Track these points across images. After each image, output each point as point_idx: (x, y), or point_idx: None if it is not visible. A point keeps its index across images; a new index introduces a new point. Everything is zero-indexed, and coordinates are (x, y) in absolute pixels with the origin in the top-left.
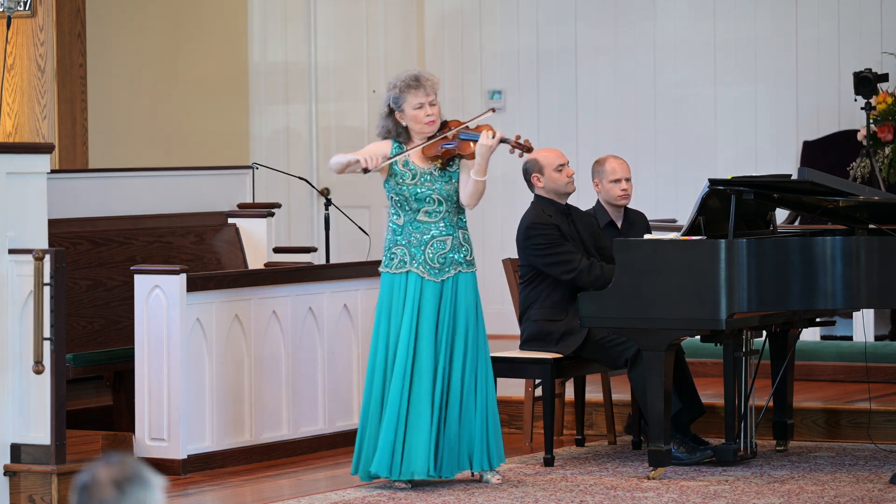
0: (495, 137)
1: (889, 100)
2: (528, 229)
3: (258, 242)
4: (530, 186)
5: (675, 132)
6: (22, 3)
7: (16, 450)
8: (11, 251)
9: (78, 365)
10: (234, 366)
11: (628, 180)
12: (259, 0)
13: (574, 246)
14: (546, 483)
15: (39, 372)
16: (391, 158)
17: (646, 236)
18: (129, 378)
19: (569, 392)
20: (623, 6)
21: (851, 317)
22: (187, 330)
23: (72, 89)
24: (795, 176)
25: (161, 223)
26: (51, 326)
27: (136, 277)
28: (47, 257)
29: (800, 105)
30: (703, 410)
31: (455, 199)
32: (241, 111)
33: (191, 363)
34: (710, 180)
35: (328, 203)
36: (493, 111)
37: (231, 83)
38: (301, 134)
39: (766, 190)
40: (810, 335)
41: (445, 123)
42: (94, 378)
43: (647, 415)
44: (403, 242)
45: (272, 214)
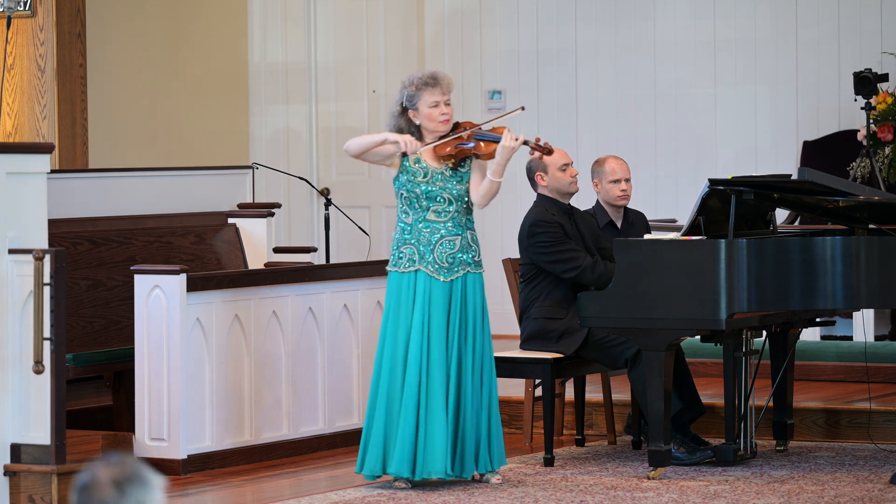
0: (518, 140)
1: (889, 100)
2: (532, 227)
3: (258, 242)
4: (533, 185)
5: (675, 132)
6: (22, 3)
7: (16, 450)
8: (11, 251)
9: (78, 365)
10: (234, 366)
11: (628, 181)
12: (259, 0)
13: (577, 245)
14: (546, 483)
15: (39, 372)
16: (428, 145)
17: (646, 236)
18: (129, 378)
19: (569, 392)
20: (623, 6)
21: (851, 317)
22: (187, 330)
23: (72, 89)
24: (795, 176)
25: (161, 223)
26: (51, 326)
27: (136, 277)
28: (47, 257)
29: (800, 105)
30: (703, 410)
31: (465, 200)
32: (241, 111)
33: (191, 363)
34: (710, 180)
35: (328, 203)
36: (523, 109)
37: (231, 83)
38: (301, 134)
39: (766, 190)
40: (810, 335)
41: (457, 124)
42: (94, 378)
43: (647, 415)
44: (412, 241)
45: (272, 214)
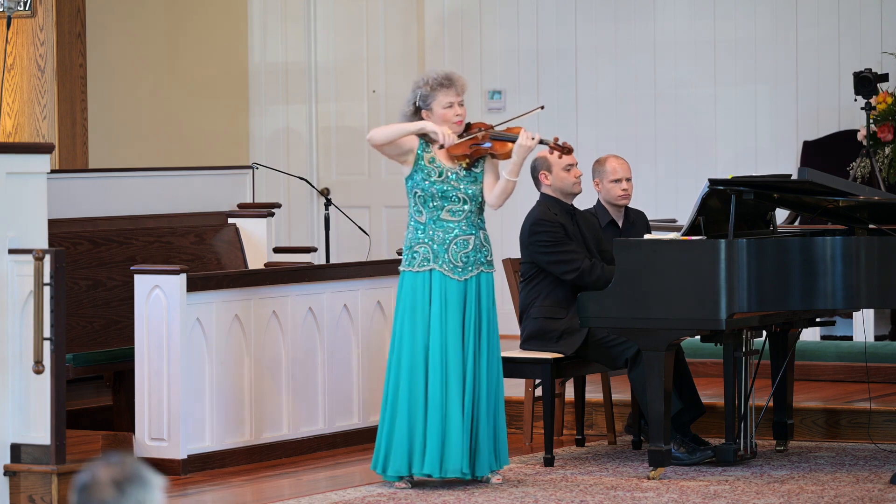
0: (535, 139)
1: (889, 100)
2: (534, 226)
3: (258, 242)
4: (537, 184)
5: (675, 132)
6: (22, 3)
7: (16, 450)
8: (11, 251)
9: (78, 365)
10: (234, 366)
11: (629, 180)
12: (259, 0)
13: (577, 246)
14: (546, 483)
15: (39, 372)
16: (465, 139)
17: (646, 236)
18: (129, 378)
19: (569, 392)
20: (623, 6)
21: (851, 317)
22: (187, 330)
23: (72, 89)
24: (795, 176)
25: (161, 223)
26: (51, 326)
27: (136, 277)
28: (47, 257)
29: (800, 105)
30: (703, 410)
31: (479, 200)
32: (241, 111)
33: (191, 363)
34: (710, 180)
35: (328, 203)
36: (542, 108)
37: (231, 83)
38: (301, 134)
39: (766, 190)
40: (810, 335)
41: (469, 125)
42: (94, 378)
43: (647, 415)
44: (426, 241)
45: (272, 214)
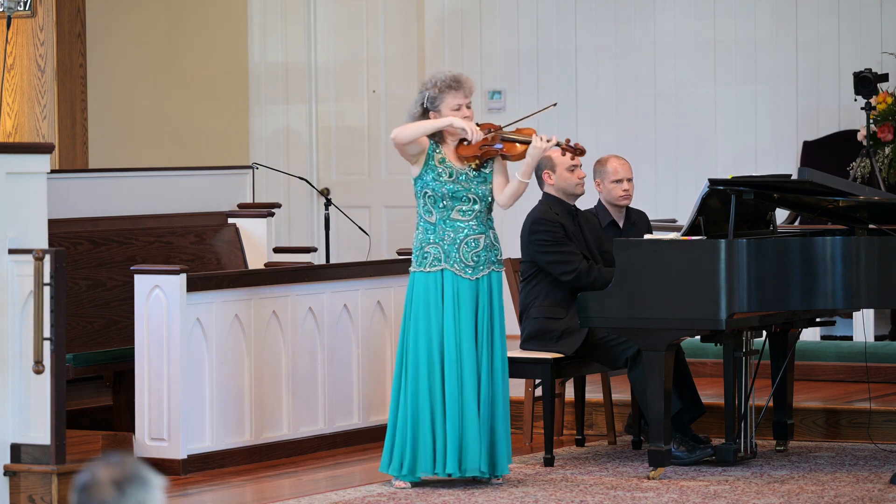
0: (550, 141)
1: (889, 100)
2: (534, 224)
3: (258, 242)
4: (540, 183)
5: (675, 132)
6: (22, 3)
7: (16, 450)
8: (11, 251)
9: (78, 365)
10: (234, 366)
11: (630, 180)
12: (259, 0)
13: (577, 246)
14: (546, 483)
15: (39, 372)
16: (491, 133)
17: (646, 236)
18: (129, 378)
19: (569, 392)
20: (623, 6)
21: (851, 317)
22: (187, 330)
23: (72, 89)
24: (795, 176)
25: (161, 223)
26: (51, 326)
27: (136, 277)
28: (47, 257)
29: (800, 105)
30: (703, 410)
31: (488, 200)
32: (241, 111)
33: (191, 363)
34: (710, 180)
35: (328, 203)
36: (555, 105)
37: (231, 83)
38: (301, 134)
39: (766, 190)
40: (810, 335)
41: (478, 126)
42: (94, 378)
43: (647, 415)
44: (437, 241)
45: (272, 214)
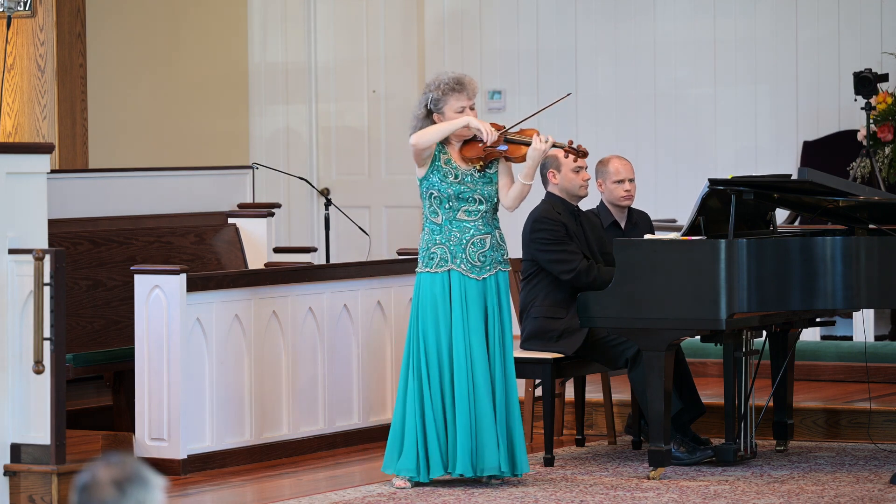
0: (548, 142)
1: (889, 100)
2: (536, 223)
3: (258, 242)
4: (544, 182)
5: (675, 132)
6: (22, 3)
7: (16, 450)
8: (11, 251)
9: (78, 365)
10: (234, 366)
11: (632, 181)
12: (259, 0)
13: (579, 246)
14: (546, 483)
15: (39, 372)
16: (505, 132)
17: (646, 236)
18: (129, 378)
19: (569, 392)
20: (623, 6)
21: (851, 317)
22: (187, 330)
23: (72, 89)
24: (795, 176)
25: (161, 223)
26: (51, 326)
27: (136, 277)
28: (47, 257)
29: (800, 105)
30: (703, 410)
31: (494, 201)
32: (241, 111)
33: (191, 363)
34: (710, 180)
35: (328, 203)
36: (569, 94)
37: (231, 83)
38: (301, 134)
39: (766, 190)
40: (810, 335)
41: None
42: (94, 378)
43: (647, 415)
44: (443, 241)
45: (272, 214)
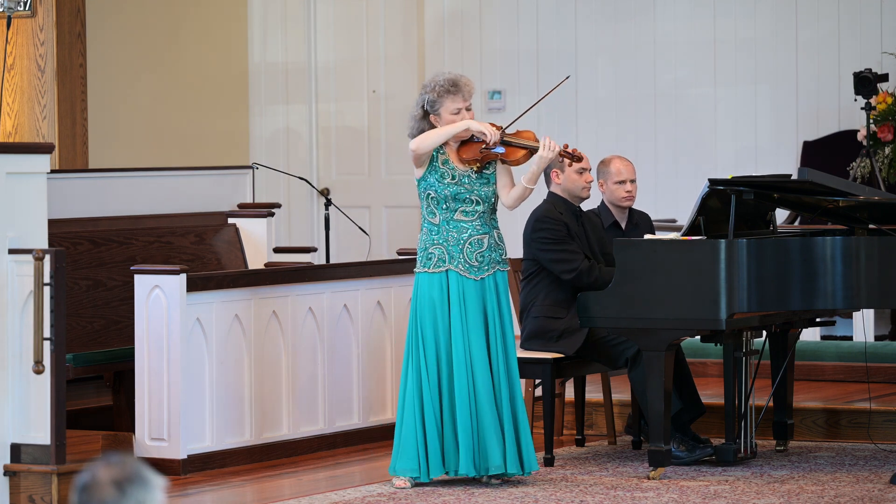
0: (555, 150)
1: (889, 100)
2: (537, 222)
3: (258, 242)
4: (547, 181)
5: (675, 132)
6: (22, 3)
7: (16, 450)
8: (11, 251)
9: (78, 365)
10: (234, 366)
11: (633, 181)
12: (259, 0)
13: (580, 246)
14: (546, 483)
15: (39, 372)
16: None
17: (646, 236)
18: (129, 378)
19: (569, 392)
20: (623, 6)
21: (851, 317)
22: (187, 330)
23: (72, 89)
24: (795, 176)
25: (161, 223)
26: (51, 326)
27: (136, 277)
28: (47, 257)
29: (800, 105)
30: (703, 410)
31: (492, 201)
32: (241, 111)
33: (191, 363)
34: (710, 180)
35: (328, 203)
36: (568, 77)
37: (231, 83)
38: (301, 134)
39: (766, 190)
40: (810, 335)
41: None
42: (94, 378)
43: (647, 415)
44: (441, 242)
45: (272, 214)
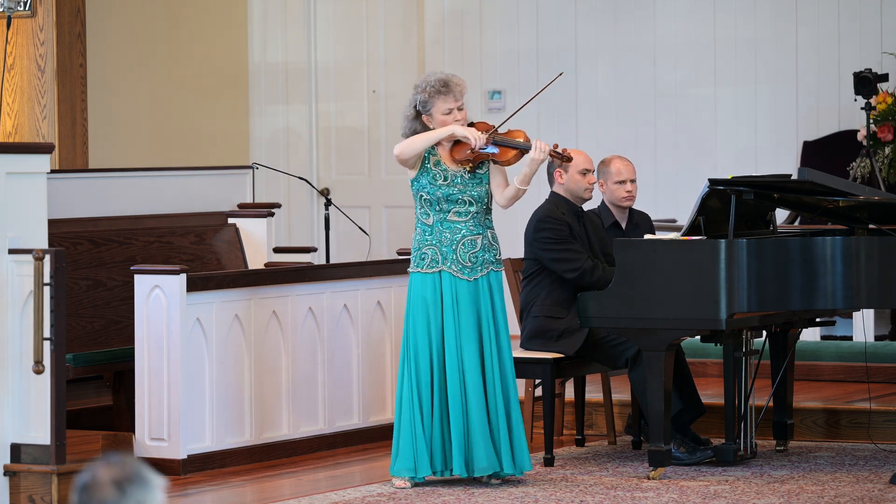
0: (546, 151)
1: (889, 100)
2: (540, 222)
3: (258, 242)
4: (550, 181)
5: (675, 132)
6: (22, 3)
7: (16, 450)
8: (11, 251)
9: (78, 365)
10: (234, 366)
11: (633, 181)
12: (259, 0)
13: (582, 247)
14: (546, 483)
15: (39, 372)
16: (494, 132)
17: (646, 236)
18: (129, 378)
19: (569, 392)
20: (623, 6)
21: (851, 317)
22: (187, 330)
23: (72, 89)
24: (795, 176)
25: (161, 223)
26: (51, 326)
27: (136, 277)
28: (47, 257)
29: (800, 105)
30: (703, 410)
31: (485, 201)
32: (241, 111)
33: (191, 363)
34: (710, 180)
35: (328, 203)
36: (562, 74)
37: (231, 83)
38: (301, 134)
39: (766, 190)
40: (810, 335)
41: (472, 126)
42: (94, 378)
43: (647, 415)
44: (434, 242)
45: (272, 214)
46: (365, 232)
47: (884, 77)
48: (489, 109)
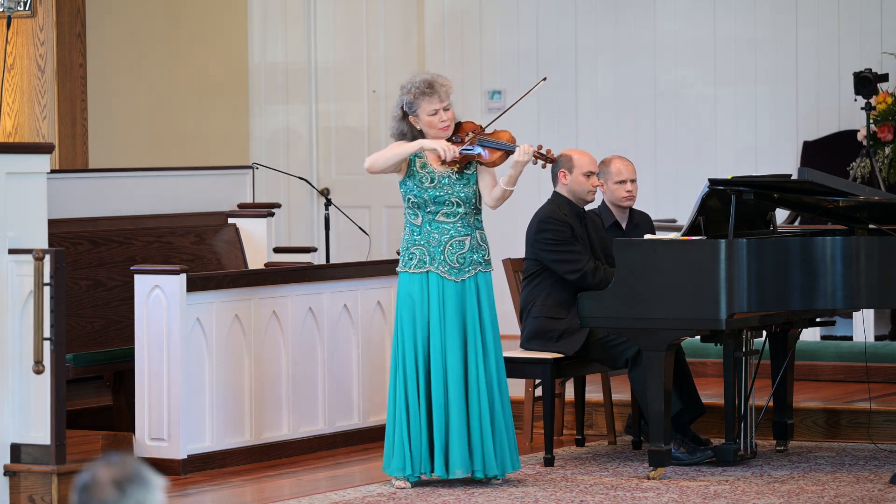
0: (530, 152)
1: (889, 100)
2: (542, 223)
3: (258, 242)
4: (554, 181)
5: (675, 132)
6: (22, 3)
7: (16, 450)
8: (11, 251)
9: (78, 365)
10: (234, 366)
11: (633, 181)
12: (259, 0)
13: (583, 248)
14: (546, 483)
15: (39, 372)
16: (463, 147)
17: (647, 236)
18: (129, 378)
19: (569, 392)
20: (623, 6)
21: (851, 317)
22: (187, 330)
23: (72, 89)
24: (795, 176)
25: (161, 223)
26: (51, 326)
27: (136, 277)
28: (47, 257)
29: (800, 105)
30: (703, 410)
31: (473, 202)
32: (241, 111)
33: (191, 363)
34: (710, 180)
35: (328, 203)
36: (545, 79)
37: (231, 83)
38: (301, 134)
39: (766, 190)
40: (810, 335)
41: (460, 125)
42: (94, 378)
43: (647, 415)
44: (422, 243)
45: (272, 214)
46: (365, 232)
47: (884, 77)
48: (489, 109)
